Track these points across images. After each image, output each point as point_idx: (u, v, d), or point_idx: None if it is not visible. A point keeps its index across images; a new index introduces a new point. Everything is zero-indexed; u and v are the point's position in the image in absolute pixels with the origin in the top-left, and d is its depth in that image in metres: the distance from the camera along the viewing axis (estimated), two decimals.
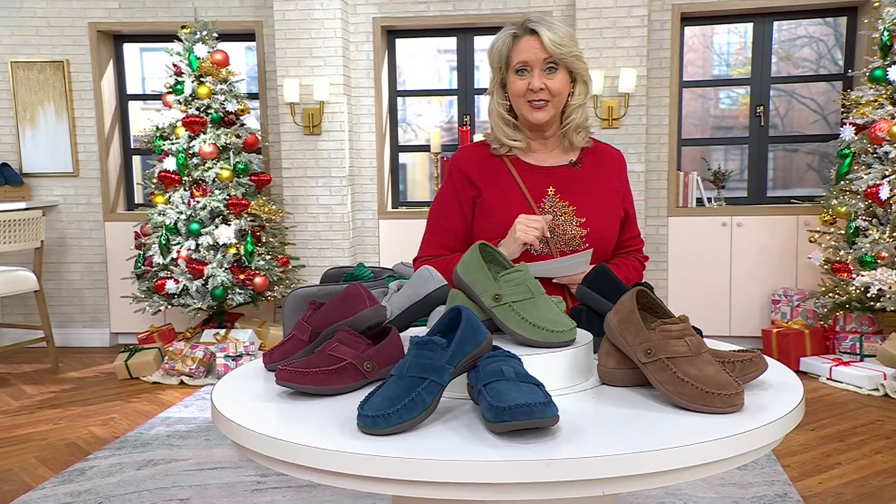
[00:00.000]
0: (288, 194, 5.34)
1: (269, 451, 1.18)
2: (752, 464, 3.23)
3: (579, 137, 2.05)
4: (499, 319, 1.44)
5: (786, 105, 5.77)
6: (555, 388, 1.35)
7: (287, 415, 1.31)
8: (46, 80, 5.58)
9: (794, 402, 1.27)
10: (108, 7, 5.56)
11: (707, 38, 5.80)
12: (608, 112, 5.05)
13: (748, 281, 5.23)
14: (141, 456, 3.47)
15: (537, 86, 1.93)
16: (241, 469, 3.26)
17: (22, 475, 3.28)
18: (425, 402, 1.20)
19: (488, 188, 2.02)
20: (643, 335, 1.30)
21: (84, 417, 4.08)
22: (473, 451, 1.10)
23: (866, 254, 4.34)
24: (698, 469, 1.12)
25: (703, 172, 5.50)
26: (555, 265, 1.90)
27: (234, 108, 4.92)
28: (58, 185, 5.71)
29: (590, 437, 1.16)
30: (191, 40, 4.88)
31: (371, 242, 5.58)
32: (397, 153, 5.76)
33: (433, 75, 5.98)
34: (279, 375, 1.37)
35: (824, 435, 3.61)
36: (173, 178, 4.81)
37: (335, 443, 1.14)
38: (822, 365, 4.49)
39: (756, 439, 1.16)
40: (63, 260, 5.75)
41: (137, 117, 5.93)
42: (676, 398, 1.24)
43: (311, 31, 5.19)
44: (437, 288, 1.64)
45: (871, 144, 4.45)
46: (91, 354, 5.54)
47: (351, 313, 1.49)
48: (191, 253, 4.78)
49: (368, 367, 1.41)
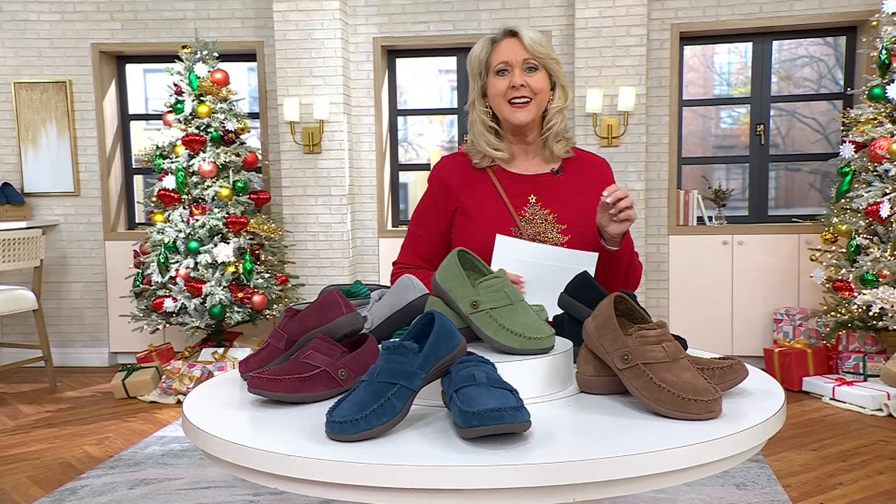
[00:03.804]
0: (288, 212, 5.34)
1: (235, 458, 1.16)
2: (752, 483, 3.18)
3: (560, 146, 2.04)
4: (476, 326, 1.42)
5: (787, 124, 5.76)
6: (532, 396, 1.33)
7: (256, 422, 1.29)
8: (49, 100, 5.62)
9: (774, 409, 1.24)
10: (110, 28, 5.61)
11: (708, 57, 5.82)
12: (608, 130, 5.04)
13: (750, 300, 5.19)
14: (134, 475, 3.43)
15: (518, 82, 1.94)
16: (234, 488, 3.22)
17: (13, 495, 3.25)
18: (395, 407, 1.17)
19: (469, 197, 2.02)
20: (620, 341, 1.28)
21: (79, 437, 4.05)
22: (441, 457, 1.07)
23: (868, 272, 4.29)
24: (672, 475, 1.09)
25: (704, 191, 5.49)
26: (566, 254, 1.87)
27: (234, 126, 4.94)
28: (59, 204, 5.73)
29: (562, 443, 1.13)
30: (191, 60, 4.91)
31: (371, 261, 5.57)
32: (397, 172, 5.76)
33: (434, 95, 6.01)
34: (251, 383, 1.34)
35: (826, 455, 3.55)
36: (173, 196, 4.81)
37: (301, 449, 1.11)
38: (825, 385, 4.44)
39: (733, 445, 1.13)
40: (63, 279, 5.75)
41: (140, 137, 5.95)
42: (653, 404, 1.21)
43: (312, 50, 5.22)
44: (418, 297, 1.62)
45: (871, 162, 4.42)
46: (89, 374, 5.52)
47: (327, 320, 1.47)
48: (189, 271, 4.77)
49: (343, 374, 1.38)
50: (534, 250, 1.85)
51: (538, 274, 1.82)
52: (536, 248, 1.86)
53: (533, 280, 1.83)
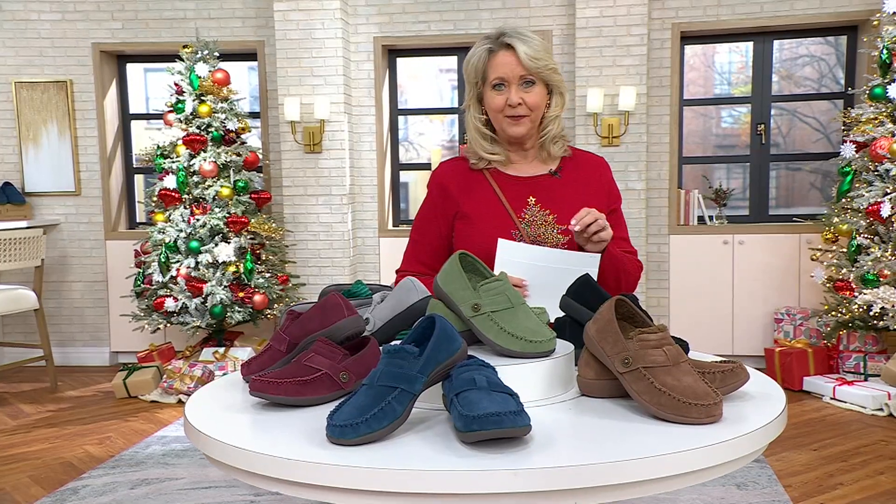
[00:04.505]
0: (288, 212, 5.34)
1: (236, 462, 1.16)
2: (752, 483, 3.18)
3: (556, 147, 2.05)
4: (477, 329, 1.42)
5: (788, 124, 5.76)
6: (533, 399, 1.33)
7: (257, 425, 1.29)
8: (50, 99, 5.62)
9: (775, 413, 1.24)
10: (111, 28, 5.61)
11: (708, 57, 5.81)
12: (608, 130, 5.04)
13: (750, 299, 5.19)
14: (135, 475, 3.44)
15: (515, 101, 1.93)
16: (235, 488, 3.22)
17: (14, 495, 3.25)
18: (396, 411, 1.17)
19: (468, 201, 2.02)
20: (621, 344, 1.28)
21: (80, 436, 4.06)
22: (441, 461, 1.07)
23: (868, 272, 4.29)
24: (673, 480, 1.09)
25: (704, 191, 5.48)
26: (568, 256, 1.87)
27: (235, 126, 4.94)
28: (60, 203, 5.73)
29: (562, 447, 1.13)
30: (192, 59, 4.90)
31: (371, 260, 5.57)
32: (398, 171, 5.76)
33: (435, 94, 6.01)
34: (252, 386, 1.35)
35: (827, 455, 3.55)
36: (173, 196, 4.81)
37: (302, 453, 1.11)
38: (826, 384, 4.44)
39: (734, 450, 1.13)
40: (64, 279, 5.75)
41: (140, 136, 5.95)
42: (654, 408, 1.21)
43: (312, 50, 5.22)
44: (420, 299, 1.62)
45: (872, 162, 4.42)
46: (90, 373, 5.53)
47: (328, 323, 1.47)
48: (190, 271, 4.77)
49: (345, 377, 1.38)
50: (536, 253, 1.85)
51: (542, 277, 1.82)
52: (539, 252, 1.85)
53: (537, 283, 1.82)
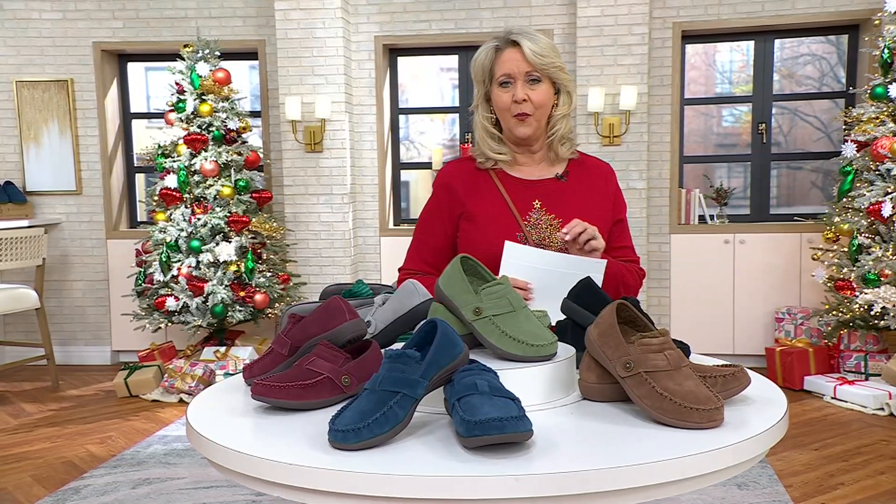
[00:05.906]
0: (289, 211, 5.34)
1: (237, 466, 1.17)
2: (753, 483, 3.18)
3: (564, 149, 2.04)
4: (479, 333, 1.42)
5: (789, 123, 5.75)
6: (535, 403, 1.33)
7: (259, 430, 1.29)
8: (51, 98, 5.63)
9: (777, 417, 1.24)
10: (112, 27, 5.61)
11: (710, 56, 5.81)
12: (609, 129, 5.04)
13: (751, 299, 5.19)
14: (136, 475, 3.44)
15: (520, 96, 1.93)
16: (236, 488, 3.23)
17: (16, 494, 3.26)
18: (398, 416, 1.17)
19: (474, 202, 2.02)
20: (622, 349, 1.28)
21: (82, 436, 4.06)
22: (442, 467, 1.07)
23: (869, 271, 4.29)
24: (675, 485, 1.09)
25: (705, 190, 5.48)
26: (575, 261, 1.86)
27: (236, 125, 4.94)
28: (61, 203, 5.73)
29: (564, 452, 1.13)
30: (193, 58, 4.90)
31: (373, 259, 5.57)
32: (399, 170, 5.76)
33: (436, 93, 6.00)
34: (254, 390, 1.35)
35: (828, 455, 3.55)
36: (174, 195, 4.81)
37: (304, 458, 1.11)
38: (827, 384, 4.44)
39: (735, 455, 1.13)
40: (65, 278, 5.76)
41: (141, 136, 5.95)
42: (655, 413, 1.21)
43: (313, 49, 5.22)
44: (422, 302, 1.62)
45: (873, 161, 4.42)
46: (92, 372, 5.53)
47: (330, 327, 1.47)
48: (191, 270, 4.78)
49: (346, 381, 1.38)
50: (543, 257, 1.85)
51: (547, 280, 1.82)
52: (545, 255, 1.85)
53: (541, 286, 1.82)
